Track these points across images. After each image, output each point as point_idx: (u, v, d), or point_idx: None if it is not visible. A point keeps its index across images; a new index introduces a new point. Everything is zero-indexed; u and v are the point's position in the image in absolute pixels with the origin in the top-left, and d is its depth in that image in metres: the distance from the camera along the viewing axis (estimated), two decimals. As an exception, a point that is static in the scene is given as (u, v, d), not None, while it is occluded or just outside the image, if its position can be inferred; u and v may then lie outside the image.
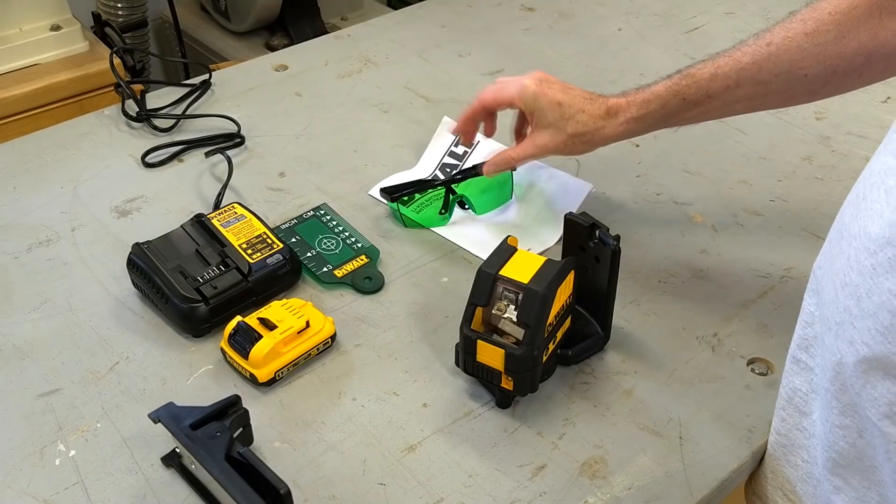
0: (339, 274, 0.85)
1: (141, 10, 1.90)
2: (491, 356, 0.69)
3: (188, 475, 0.66)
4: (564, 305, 0.72)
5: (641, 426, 0.71)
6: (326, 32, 1.61)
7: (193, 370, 0.75)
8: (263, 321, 0.75)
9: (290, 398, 0.73)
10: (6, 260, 0.87)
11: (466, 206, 0.92)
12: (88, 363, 0.76)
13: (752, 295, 0.83)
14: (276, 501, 0.59)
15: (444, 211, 0.91)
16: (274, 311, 0.76)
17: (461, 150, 0.99)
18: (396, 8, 1.72)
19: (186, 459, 0.66)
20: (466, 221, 0.92)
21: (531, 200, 0.94)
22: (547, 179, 0.95)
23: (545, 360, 0.70)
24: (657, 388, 0.74)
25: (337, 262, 0.86)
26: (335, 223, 0.91)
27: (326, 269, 0.85)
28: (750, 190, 0.97)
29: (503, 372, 0.69)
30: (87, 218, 0.92)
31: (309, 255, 0.87)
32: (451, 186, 0.91)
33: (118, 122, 1.07)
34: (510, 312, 0.69)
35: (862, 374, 0.54)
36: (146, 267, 0.79)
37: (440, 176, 0.97)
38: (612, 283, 0.74)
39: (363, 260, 0.86)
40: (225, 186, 0.95)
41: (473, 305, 0.70)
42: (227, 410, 0.66)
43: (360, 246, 0.88)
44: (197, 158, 1.01)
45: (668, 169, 1.00)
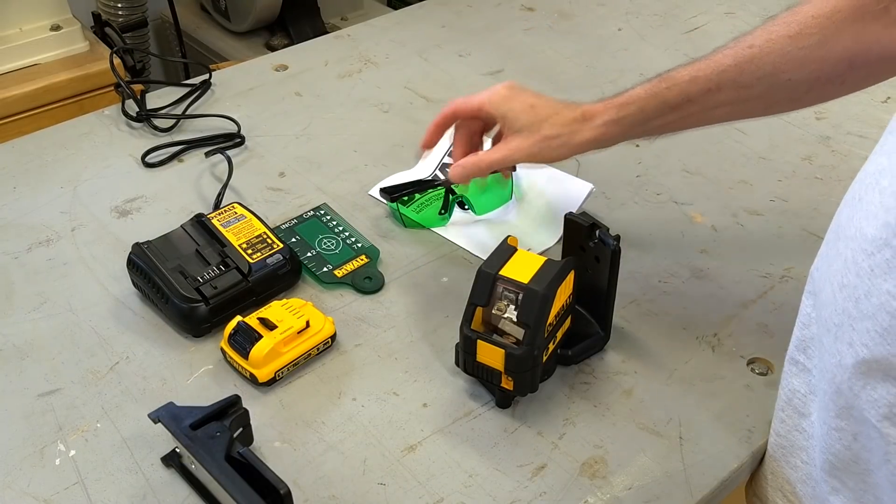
0: (339, 274, 0.85)
1: (141, 10, 1.90)
2: (491, 356, 0.69)
3: (188, 475, 0.66)
4: (564, 305, 0.72)
5: (641, 426, 0.71)
6: (326, 32, 1.61)
7: (193, 370, 0.75)
8: (263, 321, 0.75)
9: (290, 398, 0.73)
10: (6, 260, 0.87)
11: (466, 206, 0.92)
12: (88, 363, 0.76)
13: (752, 295, 0.83)
14: (276, 501, 0.59)
15: (443, 211, 0.91)
16: (274, 311, 0.76)
17: (461, 150, 0.99)
18: (396, 8, 1.72)
19: (186, 459, 0.66)
20: (466, 221, 0.92)
21: (531, 200, 0.94)
22: (547, 180, 0.95)
23: (545, 360, 0.70)
24: (657, 388, 0.74)
25: (337, 262, 0.86)
26: (335, 223, 0.91)
27: (326, 269, 0.85)
28: (750, 190, 0.97)
29: (503, 372, 0.69)
30: (87, 218, 0.92)
31: (309, 255, 0.87)
32: (451, 186, 0.91)
33: (118, 122, 1.07)
34: (510, 312, 0.69)
35: (861, 375, 0.54)
36: (146, 267, 0.79)
37: (440, 176, 0.97)
38: (612, 283, 0.74)
39: (363, 260, 0.86)
40: (225, 186, 0.95)
41: (473, 305, 0.70)
42: (227, 410, 0.66)
43: (360, 246, 0.88)
44: (197, 158, 1.01)
45: (668, 169, 1.00)
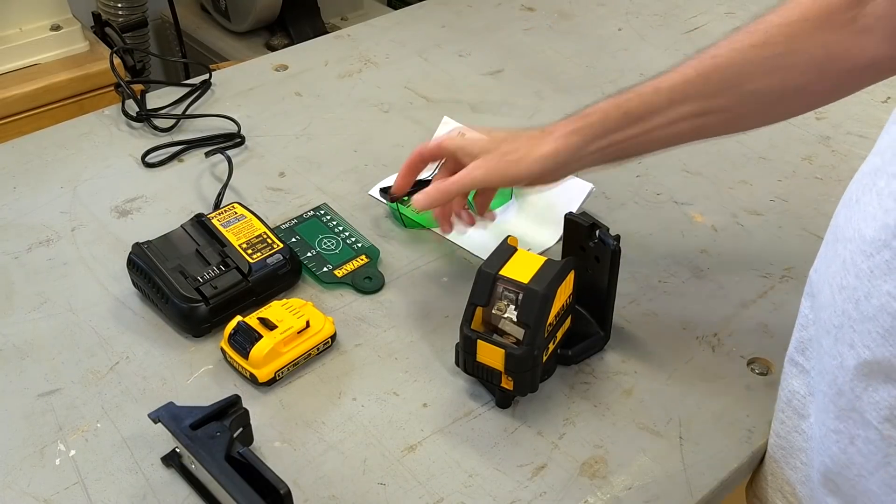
0: (339, 274, 0.85)
1: (141, 10, 1.90)
2: (491, 356, 0.69)
3: (188, 475, 0.66)
4: (564, 305, 0.72)
5: (641, 426, 0.71)
6: (326, 32, 1.61)
7: (193, 370, 0.75)
8: (263, 321, 0.75)
9: (290, 398, 0.73)
10: (6, 260, 0.87)
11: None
12: (88, 363, 0.76)
13: (752, 295, 0.83)
14: (276, 501, 0.59)
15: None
16: (274, 311, 0.76)
17: (461, 150, 0.99)
18: (396, 8, 1.72)
19: (186, 459, 0.66)
20: (466, 221, 0.92)
21: (531, 201, 0.94)
22: (547, 179, 0.95)
23: (545, 360, 0.70)
24: (657, 388, 0.74)
25: (337, 262, 0.86)
26: (335, 223, 0.91)
27: (326, 269, 0.85)
28: (750, 190, 0.97)
29: (503, 372, 0.69)
30: (87, 218, 0.92)
31: (309, 255, 0.87)
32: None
33: (118, 122, 1.07)
34: (510, 312, 0.69)
35: (863, 377, 0.54)
36: (146, 267, 0.79)
37: (440, 176, 0.97)
38: (612, 283, 0.74)
39: (363, 260, 0.86)
40: (225, 186, 0.95)
41: (473, 305, 0.70)
42: (227, 410, 0.66)
43: (360, 246, 0.88)
44: (197, 158, 1.01)
45: (668, 169, 1.00)
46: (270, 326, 0.74)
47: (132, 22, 1.86)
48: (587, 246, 0.74)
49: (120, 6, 1.86)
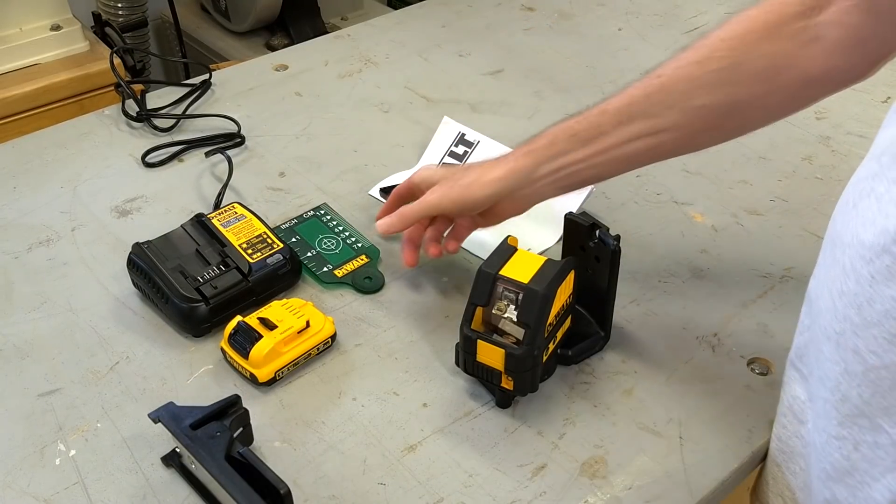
0: (339, 274, 0.85)
1: (141, 9, 1.90)
2: (491, 356, 0.69)
3: (188, 475, 0.66)
4: (564, 305, 0.72)
5: (641, 426, 0.71)
6: (326, 32, 1.61)
7: (193, 370, 0.75)
8: (263, 321, 0.75)
9: (290, 398, 0.73)
10: (6, 260, 0.87)
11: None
12: (88, 363, 0.76)
13: (752, 295, 0.83)
14: (276, 501, 0.59)
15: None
16: (274, 310, 0.76)
17: (461, 149, 0.99)
18: (396, 8, 1.72)
19: (186, 459, 0.66)
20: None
21: (531, 200, 0.94)
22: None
23: (545, 359, 0.70)
24: (657, 388, 0.74)
25: (337, 261, 0.86)
26: (335, 223, 0.91)
27: (326, 268, 0.85)
28: (750, 190, 0.97)
29: (503, 372, 0.69)
30: (87, 218, 0.92)
31: (309, 254, 0.87)
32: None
33: (118, 121, 1.07)
34: (510, 312, 0.69)
35: (871, 383, 0.53)
36: (146, 267, 0.79)
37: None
38: (612, 283, 0.74)
39: (363, 260, 0.86)
40: (225, 186, 0.95)
41: (473, 305, 0.70)
42: (227, 410, 0.66)
43: (360, 246, 0.88)
44: (197, 158, 1.01)
45: (668, 169, 1.00)
46: (270, 326, 0.74)
47: (132, 22, 1.86)
48: (587, 246, 0.74)
49: (120, 6, 1.86)
